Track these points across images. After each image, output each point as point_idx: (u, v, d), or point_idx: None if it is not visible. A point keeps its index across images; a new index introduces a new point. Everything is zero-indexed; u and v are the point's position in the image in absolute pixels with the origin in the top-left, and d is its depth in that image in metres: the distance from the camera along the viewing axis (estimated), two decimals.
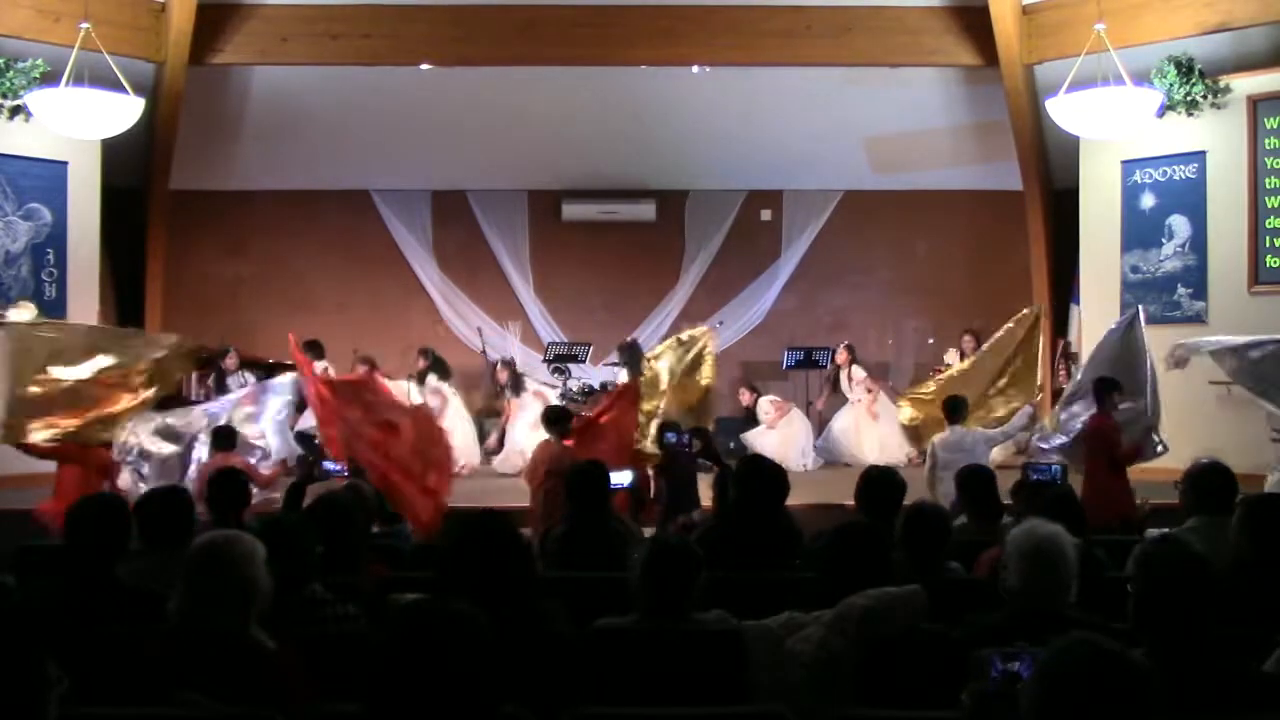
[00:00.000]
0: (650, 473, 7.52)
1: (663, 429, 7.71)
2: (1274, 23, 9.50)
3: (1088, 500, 6.08)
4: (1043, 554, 3.20)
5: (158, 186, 11.35)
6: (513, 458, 10.26)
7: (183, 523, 4.27)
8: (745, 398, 11.48)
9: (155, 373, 7.65)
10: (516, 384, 11.02)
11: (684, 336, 9.24)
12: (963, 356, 11.11)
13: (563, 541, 4.80)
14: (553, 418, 7.82)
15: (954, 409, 7.91)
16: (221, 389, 10.14)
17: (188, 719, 2.78)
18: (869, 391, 11.29)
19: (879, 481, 4.72)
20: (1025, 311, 9.66)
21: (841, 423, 11.31)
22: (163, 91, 10.54)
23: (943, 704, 2.83)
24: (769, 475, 4.39)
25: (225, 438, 7.76)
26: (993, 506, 5.17)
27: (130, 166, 10.89)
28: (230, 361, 10.36)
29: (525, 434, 10.07)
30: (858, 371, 11.41)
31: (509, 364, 11.22)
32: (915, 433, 10.20)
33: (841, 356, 11.49)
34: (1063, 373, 11.70)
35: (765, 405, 11.18)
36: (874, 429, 11.17)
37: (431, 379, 10.81)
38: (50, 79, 9.25)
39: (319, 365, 9.88)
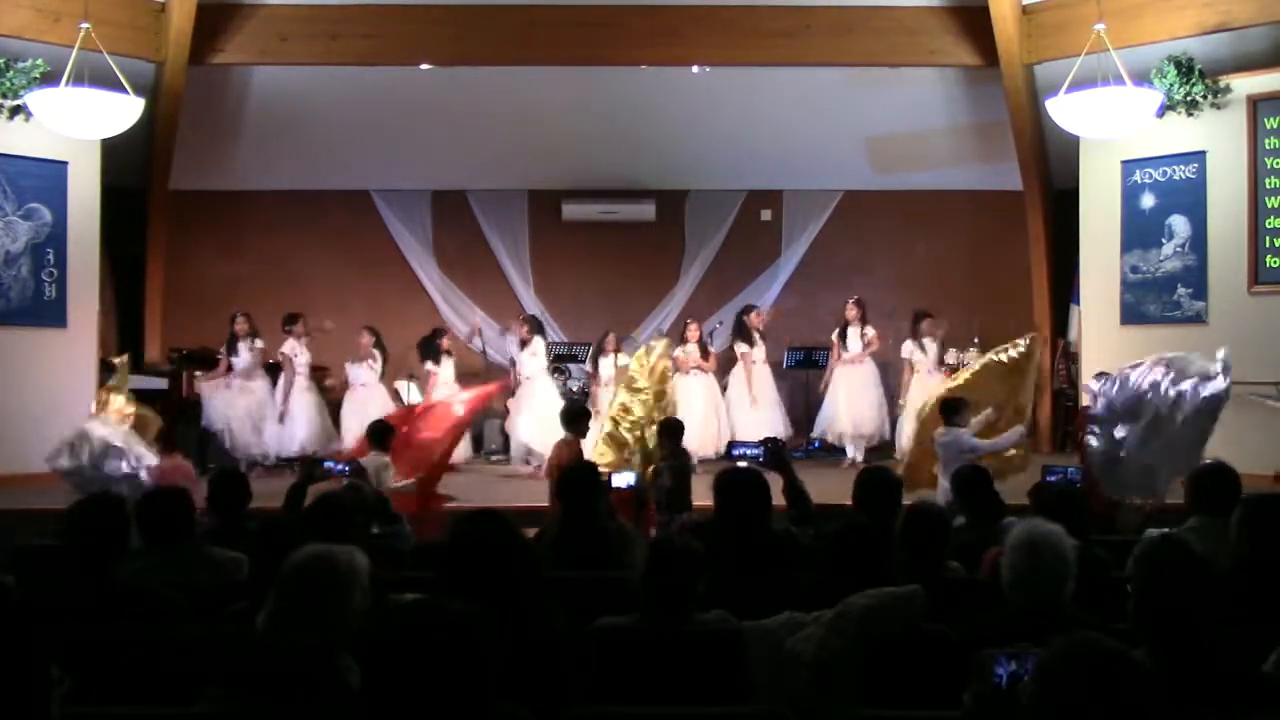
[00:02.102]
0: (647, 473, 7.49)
1: (670, 431, 7.61)
2: (1274, 23, 9.50)
3: None
4: (1039, 553, 3.21)
5: (158, 186, 11.36)
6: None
7: (183, 523, 4.27)
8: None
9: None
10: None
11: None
12: (914, 337, 10.78)
13: (556, 543, 4.80)
14: (572, 415, 7.82)
15: (955, 410, 7.90)
16: (232, 350, 10.73)
17: (188, 718, 2.77)
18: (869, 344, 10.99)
19: (875, 482, 4.72)
20: (1022, 342, 8.75)
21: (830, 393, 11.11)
22: (163, 91, 10.54)
23: (943, 704, 2.83)
24: (748, 486, 4.32)
25: None
26: (991, 506, 5.17)
27: (130, 166, 10.89)
28: (240, 326, 10.70)
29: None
30: (869, 330, 11.04)
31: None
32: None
33: (851, 312, 11.05)
34: (1063, 373, 11.71)
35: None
36: (863, 395, 10.93)
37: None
38: (50, 79, 9.24)
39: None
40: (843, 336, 11.13)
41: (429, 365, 11.13)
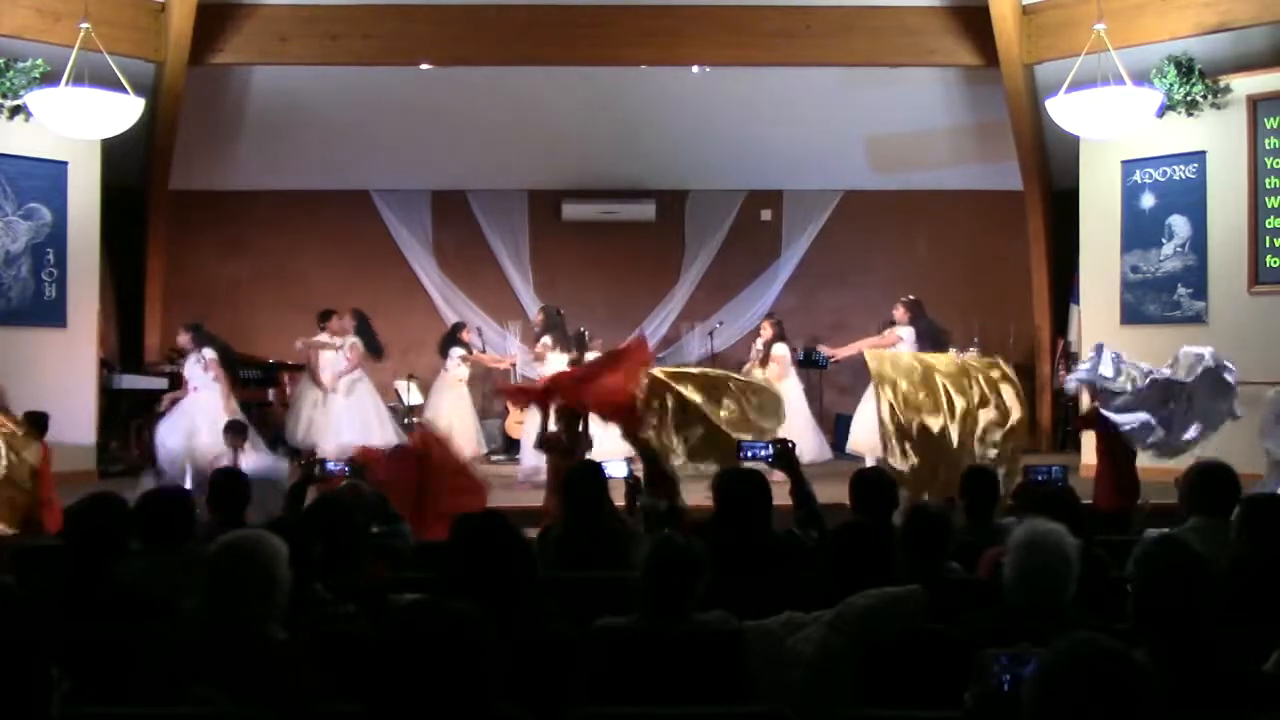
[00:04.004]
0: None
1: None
2: (1274, 23, 9.50)
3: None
4: (1041, 552, 3.20)
5: (158, 186, 11.37)
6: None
7: (183, 523, 4.27)
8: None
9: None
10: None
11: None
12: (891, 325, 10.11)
13: (560, 542, 4.79)
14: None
15: None
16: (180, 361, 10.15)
17: (188, 718, 2.78)
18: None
19: (871, 482, 4.73)
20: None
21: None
22: (163, 91, 10.54)
23: (943, 704, 2.83)
24: (748, 486, 4.27)
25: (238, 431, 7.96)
26: (992, 506, 5.16)
27: (130, 166, 10.90)
28: (184, 339, 10.01)
29: None
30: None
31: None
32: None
33: (899, 313, 10.07)
34: (1063, 373, 11.70)
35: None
36: None
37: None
38: (50, 79, 9.24)
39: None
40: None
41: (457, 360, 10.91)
